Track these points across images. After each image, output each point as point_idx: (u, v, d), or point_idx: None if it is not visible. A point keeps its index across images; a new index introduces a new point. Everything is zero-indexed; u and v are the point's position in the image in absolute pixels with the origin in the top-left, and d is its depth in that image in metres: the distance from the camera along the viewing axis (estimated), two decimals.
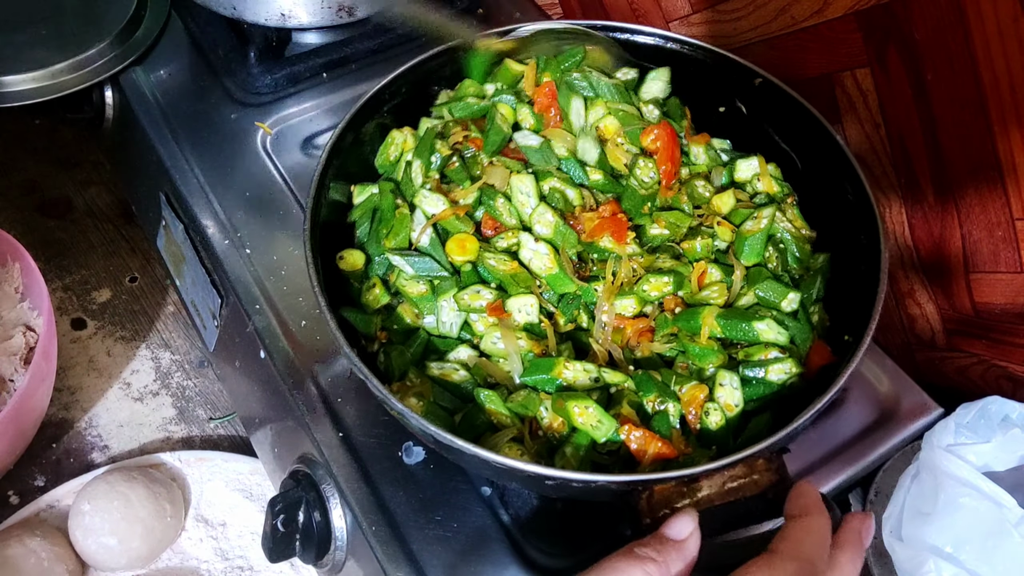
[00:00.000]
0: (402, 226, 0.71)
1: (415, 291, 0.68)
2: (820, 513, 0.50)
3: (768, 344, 0.66)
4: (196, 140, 0.91)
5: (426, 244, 0.70)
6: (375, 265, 0.71)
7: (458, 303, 0.67)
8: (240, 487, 0.91)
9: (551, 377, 0.62)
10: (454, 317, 0.67)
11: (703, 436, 0.63)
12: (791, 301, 0.68)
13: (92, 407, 0.99)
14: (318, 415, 0.72)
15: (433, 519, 0.66)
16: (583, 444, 0.60)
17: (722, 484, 0.54)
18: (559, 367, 0.62)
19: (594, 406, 0.60)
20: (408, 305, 0.69)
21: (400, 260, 0.69)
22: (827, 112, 0.76)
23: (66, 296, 1.08)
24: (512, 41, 0.79)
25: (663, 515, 0.52)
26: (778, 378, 0.64)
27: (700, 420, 0.62)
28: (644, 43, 0.80)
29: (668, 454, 0.59)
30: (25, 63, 0.92)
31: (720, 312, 0.66)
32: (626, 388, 0.64)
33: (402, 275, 0.69)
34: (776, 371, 0.64)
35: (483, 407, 0.62)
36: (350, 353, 0.59)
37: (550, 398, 0.62)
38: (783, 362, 0.64)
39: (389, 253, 0.70)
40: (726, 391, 0.64)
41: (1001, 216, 0.77)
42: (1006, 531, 0.63)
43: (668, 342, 0.67)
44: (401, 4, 0.87)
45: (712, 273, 0.70)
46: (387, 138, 0.78)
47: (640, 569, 0.46)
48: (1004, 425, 0.70)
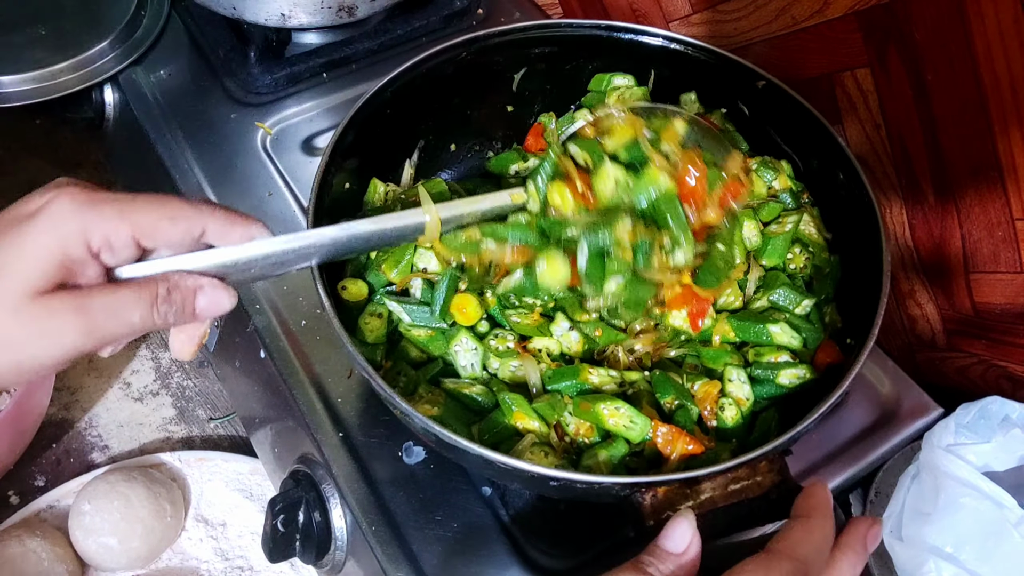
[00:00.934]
0: (403, 253, 0.68)
1: (420, 334, 0.67)
2: (825, 516, 0.50)
3: (780, 347, 0.66)
4: (196, 140, 0.91)
5: (417, 296, 0.67)
6: (378, 298, 0.68)
7: (483, 348, 0.65)
8: (240, 487, 0.91)
9: (577, 382, 0.62)
10: (473, 358, 0.66)
11: (720, 432, 0.63)
12: (805, 307, 0.68)
13: (92, 407, 0.99)
14: (318, 415, 0.72)
15: (433, 519, 0.66)
16: (618, 454, 0.59)
17: (725, 486, 0.54)
18: (584, 372, 0.62)
19: (625, 406, 0.59)
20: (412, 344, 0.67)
21: (397, 307, 0.66)
22: (827, 112, 0.76)
23: None
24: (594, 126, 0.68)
25: (666, 517, 0.52)
26: (788, 382, 0.65)
27: (716, 416, 0.63)
28: (646, 43, 0.79)
29: (696, 450, 0.59)
30: (25, 63, 0.91)
31: (734, 316, 0.66)
32: (642, 390, 0.63)
33: (402, 321, 0.67)
34: (788, 375, 0.65)
35: (508, 412, 0.61)
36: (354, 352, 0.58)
37: (572, 402, 0.61)
38: (795, 367, 0.65)
39: (387, 298, 0.67)
40: (735, 386, 0.64)
41: (1001, 216, 0.77)
42: (1006, 531, 0.63)
43: (681, 346, 0.67)
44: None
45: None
46: (370, 186, 0.75)
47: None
48: (1004, 425, 0.70)
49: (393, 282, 0.68)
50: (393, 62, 0.78)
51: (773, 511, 0.54)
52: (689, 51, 0.78)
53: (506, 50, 0.80)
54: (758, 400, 0.65)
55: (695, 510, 0.52)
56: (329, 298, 0.60)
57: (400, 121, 0.78)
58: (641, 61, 0.81)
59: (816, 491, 0.52)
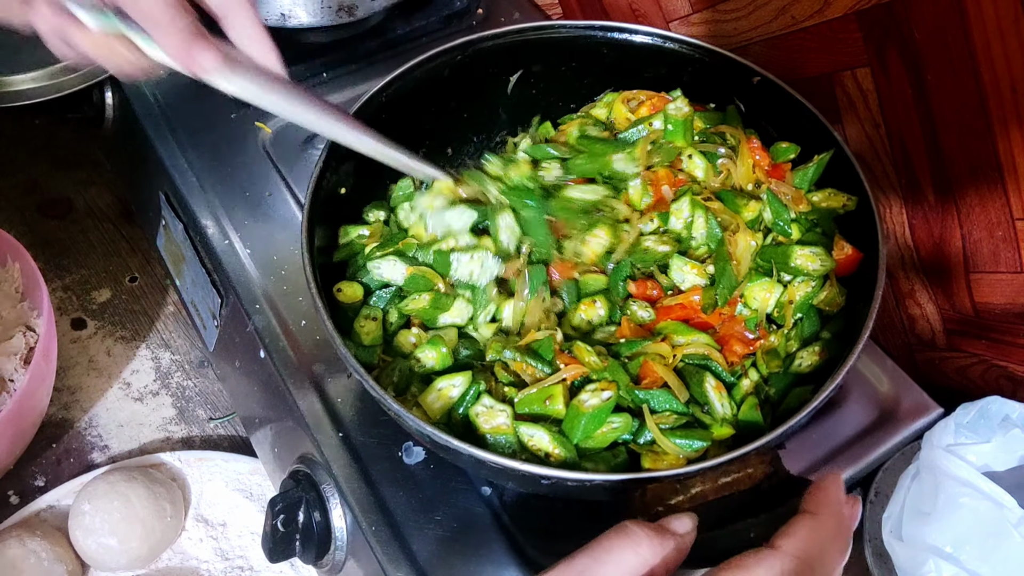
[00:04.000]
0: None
1: (418, 306, 0.68)
2: (835, 513, 0.48)
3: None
4: (196, 140, 0.91)
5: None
6: (375, 299, 0.70)
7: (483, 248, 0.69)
8: (240, 487, 0.91)
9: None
10: (473, 265, 0.68)
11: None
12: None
13: (92, 407, 0.99)
14: (318, 415, 0.72)
15: (433, 519, 0.66)
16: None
17: (715, 479, 0.54)
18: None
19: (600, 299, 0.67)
20: (404, 336, 0.68)
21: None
22: (827, 112, 0.75)
23: (66, 296, 1.08)
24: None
25: (657, 512, 0.52)
26: (813, 267, 0.68)
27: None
28: (642, 43, 0.80)
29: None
30: (25, 63, 0.92)
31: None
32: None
33: (406, 301, 0.68)
34: (803, 256, 0.68)
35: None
36: (347, 354, 0.59)
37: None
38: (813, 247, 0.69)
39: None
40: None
41: (1001, 216, 0.77)
42: (1006, 531, 0.63)
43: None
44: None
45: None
46: (340, 231, 0.75)
47: (632, 551, 0.45)
48: (1004, 425, 0.70)
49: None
50: (393, 62, 0.78)
51: (765, 502, 0.53)
52: (684, 49, 0.78)
53: (501, 53, 0.80)
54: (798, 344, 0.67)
55: (686, 504, 0.52)
56: (323, 301, 0.61)
57: (396, 125, 0.78)
58: (637, 61, 0.81)
59: (828, 485, 0.50)
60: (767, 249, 0.71)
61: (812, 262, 0.69)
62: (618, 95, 0.82)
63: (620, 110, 0.80)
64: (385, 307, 0.70)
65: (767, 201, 0.72)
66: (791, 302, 0.68)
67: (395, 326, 0.69)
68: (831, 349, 0.66)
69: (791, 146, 0.76)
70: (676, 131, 0.76)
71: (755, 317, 0.68)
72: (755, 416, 0.62)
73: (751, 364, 0.66)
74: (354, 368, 0.58)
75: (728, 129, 0.77)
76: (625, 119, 0.80)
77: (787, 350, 0.67)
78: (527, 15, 1.07)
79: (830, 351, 0.66)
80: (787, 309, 0.68)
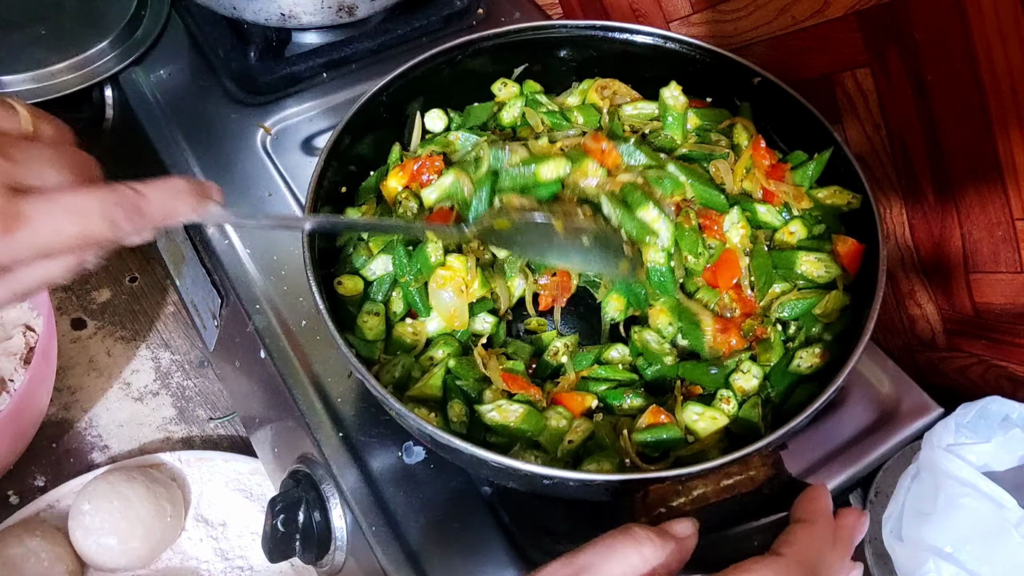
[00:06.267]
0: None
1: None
2: (828, 520, 0.50)
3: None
4: (196, 140, 0.91)
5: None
6: (374, 290, 0.70)
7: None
8: (240, 487, 0.91)
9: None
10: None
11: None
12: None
13: (92, 407, 0.99)
14: (318, 415, 0.72)
15: (433, 519, 0.66)
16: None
17: (717, 482, 0.54)
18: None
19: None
20: (403, 327, 0.68)
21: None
22: (827, 112, 0.76)
23: (66, 296, 1.08)
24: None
25: (658, 514, 0.52)
26: (819, 274, 0.69)
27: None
28: (643, 43, 0.80)
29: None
30: (25, 63, 0.91)
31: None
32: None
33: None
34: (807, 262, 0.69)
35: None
36: (348, 354, 0.59)
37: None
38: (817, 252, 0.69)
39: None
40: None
41: (1001, 216, 0.77)
42: (1006, 531, 0.63)
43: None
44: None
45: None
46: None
47: (635, 550, 0.46)
48: (1004, 425, 0.70)
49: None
50: (393, 62, 0.78)
51: (767, 505, 0.53)
52: (685, 50, 0.78)
53: (501, 52, 0.80)
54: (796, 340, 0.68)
55: (688, 506, 0.52)
56: (324, 301, 0.60)
57: (397, 124, 0.79)
58: (637, 61, 0.81)
59: (817, 494, 0.52)
60: (772, 254, 0.71)
61: (817, 268, 0.68)
62: (593, 82, 0.82)
63: (594, 97, 0.81)
64: (385, 299, 0.70)
65: (753, 210, 0.72)
66: (784, 293, 0.69)
67: (398, 316, 0.69)
68: (832, 350, 0.66)
69: (800, 154, 0.76)
70: (676, 124, 0.76)
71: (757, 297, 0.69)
72: (755, 416, 0.62)
73: (749, 357, 0.66)
74: (355, 366, 0.58)
75: (742, 120, 0.77)
76: (600, 105, 0.81)
77: (782, 335, 0.68)
78: (527, 15, 1.07)
79: (831, 352, 0.66)
80: (776, 302, 0.69)
